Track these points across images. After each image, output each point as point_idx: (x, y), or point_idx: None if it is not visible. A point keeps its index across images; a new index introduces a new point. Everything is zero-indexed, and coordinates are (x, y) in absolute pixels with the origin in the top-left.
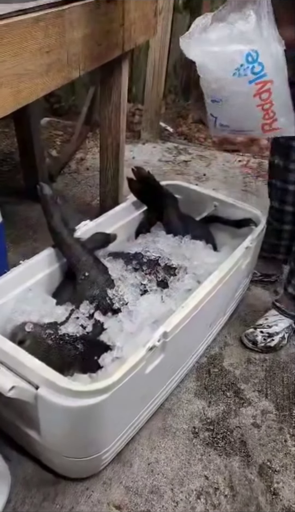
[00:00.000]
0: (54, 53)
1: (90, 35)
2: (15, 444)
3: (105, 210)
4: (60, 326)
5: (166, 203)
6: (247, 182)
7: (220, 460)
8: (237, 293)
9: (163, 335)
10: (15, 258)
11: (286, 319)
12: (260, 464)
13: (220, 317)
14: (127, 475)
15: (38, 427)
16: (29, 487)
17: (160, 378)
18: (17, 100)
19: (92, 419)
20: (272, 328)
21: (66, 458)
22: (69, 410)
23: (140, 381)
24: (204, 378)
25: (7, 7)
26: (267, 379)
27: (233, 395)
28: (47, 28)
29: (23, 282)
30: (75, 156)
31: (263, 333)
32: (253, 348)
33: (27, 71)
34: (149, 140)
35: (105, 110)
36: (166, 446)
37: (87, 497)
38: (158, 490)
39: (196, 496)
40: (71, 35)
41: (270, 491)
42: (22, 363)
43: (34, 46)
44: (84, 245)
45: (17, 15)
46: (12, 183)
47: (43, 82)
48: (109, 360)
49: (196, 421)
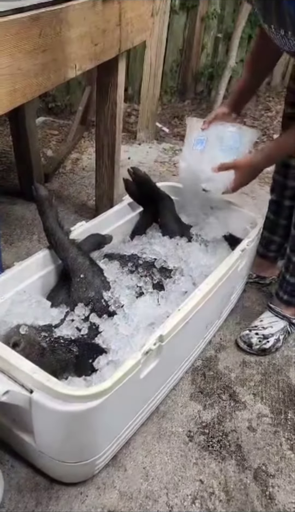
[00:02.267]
0: (50, 53)
1: (87, 34)
2: (8, 448)
3: (101, 211)
4: (55, 328)
5: (162, 204)
6: None
7: (215, 464)
8: (233, 295)
9: (159, 338)
10: (9, 259)
11: (281, 321)
12: (256, 468)
13: (216, 320)
14: (122, 480)
15: (32, 432)
16: (22, 491)
17: (155, 381)
18: (12, 100)
19: (87, 423)
20: (267, 329)
21: (60, 462)
22: (63, 415)
23: (135, 385)
24: (199, 381)
25: (3, 4)
26: (263, 382)
27: (228, 398)
28: (43, 27)
29: (17, 284)
30: (70, 156)
31: (258, 335)
32: (248, 350)
33: (23, 70)
34: (144, 141)
35: (101, 111)
36: (160, 450)
37: (81, 502)
38: (153, 494)
39: (191, 500)
40: (68, 35)
41: (266, 495)
42: (16, 366)
43: (29, 45)
44: (79, 247)
45: (13, 13)
46: (6, 182)
47: (39, 81)
48: (104, 363)
49: (191, 424)
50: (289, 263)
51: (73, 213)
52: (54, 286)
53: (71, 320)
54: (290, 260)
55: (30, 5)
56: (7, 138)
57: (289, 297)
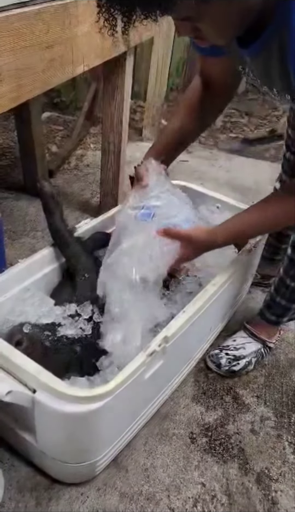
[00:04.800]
0: (57, 48)
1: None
2: (9, 447)
3: (105, 208)
4: (58, 327)
5: None
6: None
7: (217, 467)
8: (238, 296)
9: (164, 339)
10: (13, 255)
11: (254, 343)
12: (258, 472)
13: (220, 321)
14: (122, 481)
15: (34, 431)
16: (22, 491)
17: (159, 383)
18: (18, 96)
19: (90, 424)
20: (239, 351)
21: (62, 463)
22: (66, 415)
23: (139, 386)
24: (202, 383)
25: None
26: (266, 385)
27: (231, 401)
28: (50, 22)
29: (21, 282)
30: (75, 152)
31: (229, 356)
32: (216, 370)
33: (28, 66)
34: (150, 138)
35: (107, 107)
36: (162, 451)
37: (82, 502)
38: (154, 497)
39: (192, 503)
40: (75, 30)
41: (268, 499)
42: (19, 366)
43: (35, 40)
44: (84, 245)
45: (18, 7)
46: (11, 178)
47: (46, 77)
48: (107, 364)
49: (193, 426)
50: (281, 286)
51: (77, 210)
52: (58, 284)
53: (75, 320)
54: (284, 282)
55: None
56: (12, 133)
57: (276, 317)
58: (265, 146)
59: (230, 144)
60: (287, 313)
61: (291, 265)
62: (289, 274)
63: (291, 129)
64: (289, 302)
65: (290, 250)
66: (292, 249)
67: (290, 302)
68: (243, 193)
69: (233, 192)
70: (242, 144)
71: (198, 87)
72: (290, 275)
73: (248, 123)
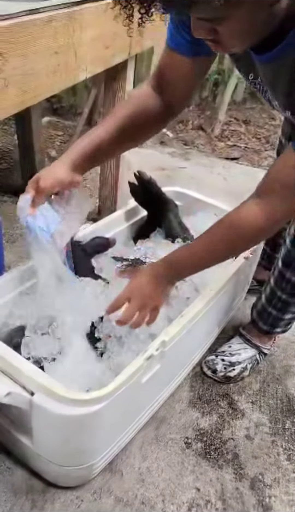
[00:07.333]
0: (63, 54)
1: (99, 37)
2: (4, 449)
3: (104, 213)
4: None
5: (166, 209)
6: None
7: (212, 472)
8: (235, 302)
9: (161, 344)
10: (11, 258)
11: (251, 349)
12: (252, 477)
13: (217, 326)
14: (118, 485)
15: (31, 434)
16: (17, 494)
17: (156, 387)
18: (22, 101)
19: (87, 427)
20: (235, 356)
21: (58, 466)
22: (64, 418)
23: (136, 390)
24: (198, 388)
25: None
26: (261, 391)
27: (226, 406)
28: (58, 29)
29: (20, 285)
30: None
31: (224, 362)
32: (212, 376)
33: (35, 71)
34: (148, 145)
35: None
36: (157, 456)
37: (77, 506)
38: (149, 501)
39: (187, 508)
40: (80, 37)
41: (262, 505)
42: (18, 368)
43: (43, 46)
44: (83, 249)
45: (30, 13)
46: (10, 181)
47: (50, 83)
48: (105, 368)
49: (189, 431)
50: (273, 298)
51: None
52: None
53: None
54: (274, 294)
55: (47, 6)
56: (12, 137)
57: (269, 327)
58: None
59: (228, 151)
60: (279, 323)
61: (281, 278)
62: (281, 286)
63: (284, 138)
64: (280, 312)
65: (281, 263)
66: (282, 263)
67: (281, 312)
68: (240, 200)
69: (230, 199)
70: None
71: (145, 95)
72: (281, 288)
73: (246, 131)
